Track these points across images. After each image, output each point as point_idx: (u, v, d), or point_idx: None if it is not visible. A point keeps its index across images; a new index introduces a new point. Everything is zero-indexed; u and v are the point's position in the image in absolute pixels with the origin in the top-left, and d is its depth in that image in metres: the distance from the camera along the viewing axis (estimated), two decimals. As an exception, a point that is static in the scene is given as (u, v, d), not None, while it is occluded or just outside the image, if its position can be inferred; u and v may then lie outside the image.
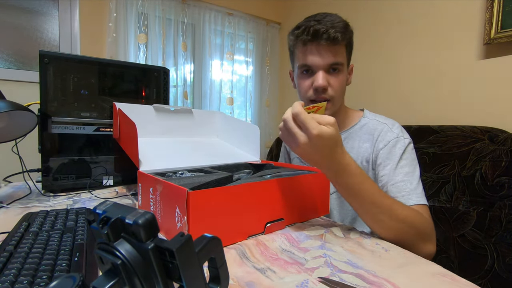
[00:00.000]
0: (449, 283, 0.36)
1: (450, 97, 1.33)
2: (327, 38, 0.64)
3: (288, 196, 0.54)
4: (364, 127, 0.73)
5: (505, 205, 0.83)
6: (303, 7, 2.27)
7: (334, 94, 0.68)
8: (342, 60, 0.67)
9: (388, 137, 0.68)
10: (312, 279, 0.36)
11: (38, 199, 0.71)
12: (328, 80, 0.67)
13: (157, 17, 1.92)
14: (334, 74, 0.67)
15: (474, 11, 1.23)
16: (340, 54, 0.67)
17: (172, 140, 0.81)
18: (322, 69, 0.67)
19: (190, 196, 0.41)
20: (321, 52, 0.66)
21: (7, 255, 0.36)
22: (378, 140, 0.69)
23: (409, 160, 0.65)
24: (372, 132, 0.71)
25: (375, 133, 0.70)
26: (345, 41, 0.67)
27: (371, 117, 0.75)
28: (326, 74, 0.67)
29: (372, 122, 0.73)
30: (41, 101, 0.75)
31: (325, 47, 0.65)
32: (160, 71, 0.93)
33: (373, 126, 0.72)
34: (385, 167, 0.65)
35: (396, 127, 0.71)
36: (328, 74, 0.67)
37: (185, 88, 2.05)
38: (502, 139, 0.90)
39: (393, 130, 0.69)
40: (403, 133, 0.69)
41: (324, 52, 0.66)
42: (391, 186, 0.62)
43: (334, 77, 0.67)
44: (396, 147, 0.66)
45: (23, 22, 1.63)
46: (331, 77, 0.67)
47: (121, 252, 0.20)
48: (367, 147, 0.70)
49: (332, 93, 0.68)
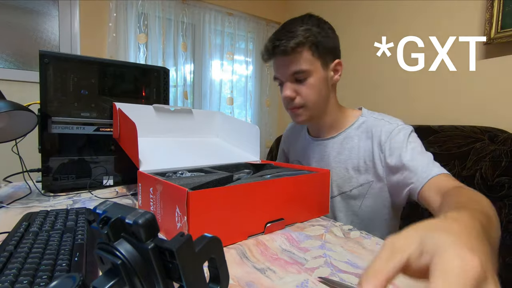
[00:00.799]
0: (449, 283, 0.36)
1: (450, 97, 1.33)
2: (279, 52, 0.66)
3: (288, 196, 0.54)
4: (363, 126, 0.72)
5: (505, 205, 0.83)
6: (303, 7, 2.27)
7: (305, 102, 0.69)
8: (305, 66, 0.66)
9: (388, 129, 0.67)
10: (312, 279, 0.36)
11: (38, 199, 0.71)
12: (296, 89, 0.68)
13: (157, 17, 1.92)
14: (302, 82, 0.68)
15: (474, 11, 1.23)
16: (300, 62, 0.66)
17: (172, 140, 0.81)
18: (287, 80, 0.69)
19: (190, 196, 0.41)
20: (279, 65, 0.69)
21: (7, 255, 0.36)
22: (379, 134, 0.68)
23: (417, 143, 0.65)
24: (370, 129, 0.70)
25: (374, 130, 0.69)
26: (305, 45, 0.65)
27: (369, 115, 0.74)
28: (293, 84, 0.68)
29: (370, 120, 0.72)
30: (41, 101, 0.75)
31: (282, 60, 0.68)
32: (160, 71, 0.93)
33: (371, 124, 0.71)
34: (394, 153, 0.64)
35: (394, 120, 0.70)
36: (296, 83, 0.68)
37: (185, 88, 2.05)
38: (502, 139, 0.90)
39: (391, 122, 0.69)
40: (402, 123, 0.69)
41: (282, 65, 0.68)
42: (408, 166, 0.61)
43: (302, 85, 0.68)
44: (400, 134, 0.65)
45: (23, 22, 1.63)
46: (299, 86, 0.68)
47: (121, 252, 0.20)
48: (368, 145, 0.69)
49: (301, 101, 0.69)
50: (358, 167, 0.70)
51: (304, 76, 0.67)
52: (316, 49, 0.66)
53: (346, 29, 1.86)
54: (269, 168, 0.72)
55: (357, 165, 0.70)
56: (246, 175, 0.67)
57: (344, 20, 1.87)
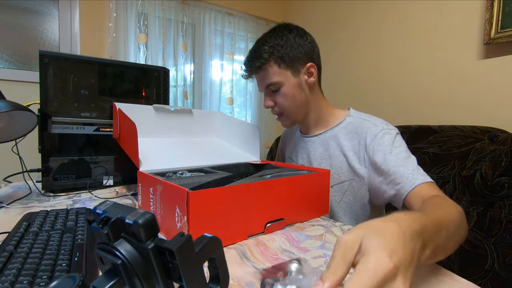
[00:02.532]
0: (449, 283, 0.36)
1: (450, 97, 1.33)
2: (250, 72, 0.76)
3: (288, 196, 0.54)
4: (349, 126, 0.74)
5: (505, 205, 0.83)
6: (303, 7, 2.27)
7: (282, 109, 0.76)
8: (275, 78, 0.72)
9: (373, 131, 0.68)
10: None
11: (38, 199, 0.71)
12: (273, 99, 0.76)
13: (157, 17, 1.92)
14: (276, 92, 0.74)
15: (474, 11, 1.23)
16: (269, 75, 0.72)
17: (172, 140, 0.81)
18: (265, 93, 0.77)
19: (190, 196, 0.41)
20: (256, 81, 0.78)
21: (7, 255, 0.36)
22: (364, 135, 0.69)
23: (402, 147, 0.66)
24: (356, 130, 0.72)
25: (359, 131, 0.71)
26: (270, 61, 0.71)
27: (356, 116, 0.76)
28: (270, 95, 0.76)
29: (356, 121, 0.74)
30: (41, 101, 0.75)
31: (256, 77, 0.77)
32: (160, 71, 0.93)
33: (357, 124, 0.73)
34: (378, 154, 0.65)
35: (379, 121, 0.71)
36: (272, 94, 0.75)
37: (185, 88, 2.05)
38: (502, 139, 0.90)
39: (377, 124, 0.70)
40: (387, 125, 0.70)
41: (257, 81, 0.78)
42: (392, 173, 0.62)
43: (277, 95, 0.74)
44: (384, 138, 0.66)
45: (23, 22, 1.63)
46: (275, 96, 0.75)
47: (121, 252, 0.20)
48: (353, 145, 0.71)
49: (279, 109, 0.76)
50: (341, 165, 0.73)
51: (276, 87, 0.73)
52: (282, 62, 0.72)
53: (345, 28, 1.86)
54: (269, 168, 0.73)
55: (340, 163, 0.73)
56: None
57: (344, 19, 1.87)
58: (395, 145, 0.65)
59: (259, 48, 0.73)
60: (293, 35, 0.73)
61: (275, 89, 0.74)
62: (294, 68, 0.72)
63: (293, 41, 0.72)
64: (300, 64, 0.73)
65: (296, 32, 0.73)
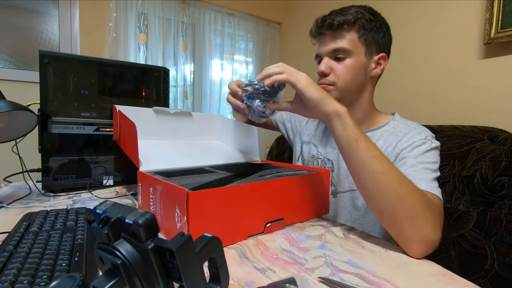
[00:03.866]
0: (449, 283, 0.36)
1: (450, 97, 1.33)
2: (328, 26, 0.66)
3: (288, 196, 0.54)
4: (392, 130, 0.70)
5: (505, 205, 0.83)
6: (303, 7, 2.27)
7: (336, 80, 0.68)
8: (348, 45, 0.66)
9: (414, 139, 0.64)
10: (312, 279, 0.36)
11: (38, 199, 0.71)
12: (332, 66, 0.68)
13: (157, 17, 1.92)
14: (340, 60, 0.67)
15: (474, 11, 1.23)
16: (344, 39, 0.66)
17: (172, 143, 0.81)
18: (326, 56, 0.69)
19: (190, 196, 0.41)
20: (323, 40, 0.69)
21: (7, 255, 0.36)
22: (403, 141, 0.65)
23: (432, 159, 0.60)
24: (398, 134, 0.68)
25: (401, 135, 0.67)
26: (354, 26, 0.65)
27: (401, 122, 0.72)
28: (330, 60, 0.68)
29: (400, 126, 0.70)
30: (41, 101, 0.75)
31: (327, 35, 0.68)
32: (160, 71, 0.93)
33: (401, 129, 0.69)
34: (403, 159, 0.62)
35: (426, 132, 0.67)
36: (333, 62, 0.68)
37: (185, 88, 2.05)
38: (502, 139, 0.90)
39: (421, 133, 0.65)
40: (432, 137, 0.65)
41: (325, 40, 0.69)
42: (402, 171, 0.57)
43: (338, 64, 0.67)
44: (421, 147, 0.62)
45: (23, 22, 1.63)
46: (336, 64, 0.68)
47: (121, 252, 0.20)
48: (391, 147, 0.67)
49: (333, 79, 0.68)
50: None
51: (344, 55, 0.67)
52: (363, 34, 0.66)
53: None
54: (269, 168, 0.72)
55: None
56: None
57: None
58: (425, 155, 0.61)
59: (349, 8, 0.67)
60: (383, 21, 0.70)
61: (341, 57, 0.67)
62: (369, 49, 0.68)
63: (381, 25, 0.69)
64: (375, 49, 0.68)
65: (386, 22, 0.71)
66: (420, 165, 0.59)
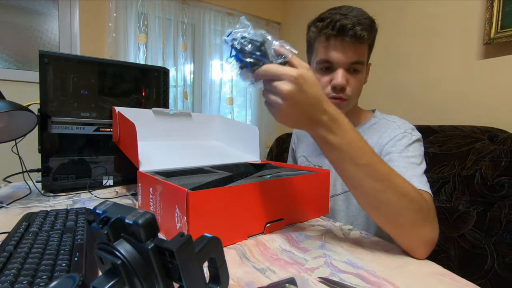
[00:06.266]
0: (449, 283, 0.36)
1: (450, 97, 1.33)
2: (353, 35, 0.61)
3: (288, 196, 0.54)
4: (373, 126, 0.72)
5: (505, 205, 0.83)
6: (303, 7, 2.27)
7: (351, 94, 0.66)
8: (364, 59, 0.65)
9: (394, 133, 0.65)
10: (312, 279, 0.36)
11: (38, 199, 0.71)
12: (348, 79, 0.65)
13: (157, 17, 1.92)
14: (354, 73, 0.66)
15: (474, 11, 1.23)
16: (362, 53, 0.65)
17: (172, 144, 0.81)
18: (343, 67, 0.64)
19: (190, 196, 0.41)
20: (345, 49, 0.63)
21: (7, 255, 0.36)
22: (384, 136, 0.67)
23: (416, 152, 0.62)
24: (379, 129, 0.70)
25: (382, 130, 0.68)
26: (370, 40, 0.64)
27: (382, 117, 0.73)
28: (346, 72, 0.65)
29: (381, 122, 0.72)
30: (41, 101, 0.75)
31: (350, 44, 0.62)
32: (160, 71, 0.93)
33: (382, 125, 0.70)
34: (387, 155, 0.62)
35: (406, 125, 0.68)
36: (348, 73, 0.65)
37: (185, 88, 2.06)
38: (502, 139, 0.90)
39: (400, 127, 0.67)
40: (412, 130, 0.66)
41: (347, 50, 0.63)
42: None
43: (353, 77, 0.66)
44: (402, 140, 0.63)
45: (23, 22, 1.63)
46: (351, 77, 0.65)
47: (121, 252, 0.20)
48: (373, 143, 0.68)
49: (349, 93, 0.66)
50: None
51: (359, 69, 0.65)
52: (371, 46, 0.66)
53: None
54: (269, 168, 0.72)
55: None
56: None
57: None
58: (409, 149, 0.62)
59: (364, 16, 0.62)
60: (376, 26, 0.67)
61: (357, 69, 0.65)
62: (368, 59, 0.68)
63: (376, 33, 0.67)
64: (368, 58, 0.68)
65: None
66: (405, 160, 0.60)
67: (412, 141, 0.63)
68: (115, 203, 0.23)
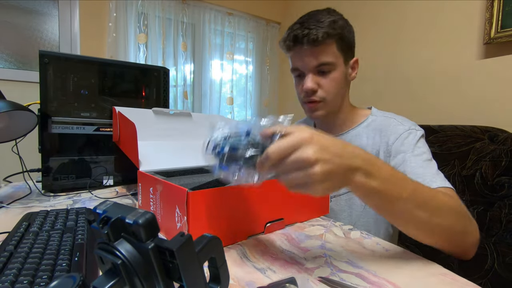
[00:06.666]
0: (449, 282, 0.36)
1: (450, 97, 1.33)
2: (309, 41, 0.63)
3: (288, 196, 0.54)
4: (372, 124, 0.72)
5: (505, 204, 0.83)
6: (303, 6, 2.27)
7: (325, 95, 0.67)
8: (331, 59, 0.65)
9: (399, 130, 0.65)
10: (312, 279, 0.36)
11: (38, 199, 0.71)
12: (318, 81, 0.67)
13: (157, 17, 1.92)
14: (325, 75, 0.67)
15: (474, 11, 1.23)
16: (326, 54, 0.65)
17: (172, 144, 0.81)
18: (310, 71, 0.67)
19: (190, 196, 0.41)
20: (304, 56, 0.66)
21: (7, 255, 0.36)
22: (388, 134, 0.66)
23: (425, 148, 0.62)
24: (379, 127, 0.69)
25: (383, 128, 0.68)
26: (333, 38, 0.64)
27: (379, 114, 0.73)
28: (316, 75, 0.67)
29: (380, 119, 0.71)
30: (41, 101, 0.75)
31: (307, 50, 0.65)
32: (160, 71, 0.93)
33: (381, 122, 0.70)
34: (398, 154, 0.62)
35: (406, 121, 0.68)
36: (318, 76, 0.67)
37: (185, 88, 2.06)
38: (502, 139, 0.90)
39: (403, 123, 0.67)
40: (414, 125, 0.67)
41: (308, 55, 0.65)
42: (409, 172, 0.57)
43: (324, 78, 0.67)
44: (409, 138, 0.63)
45: (23, 22, 1.63)
46: (322, 78, 0.67)
47: (121, 252, 0.20)
48: (376, 144, 0.68)
49: (322, 94, 0.67)
50: None
51: (329, 69, 0.66)
52: (341, 43, 0.66)
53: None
54: (269, 168, 0.72)
55: None
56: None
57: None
58: (418, 145, 0.62)
59: (323, 18, 0.64)
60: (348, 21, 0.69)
61: (326, 71, 0.66)
62: (346, 56, 0.68)
63: (350, 27, 0.68)
64: (349, 54, 0.69)
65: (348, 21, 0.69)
66: (418, 158, 0.60)
67: (419, 137, 0.64)
68: (115, 203, 0.23)
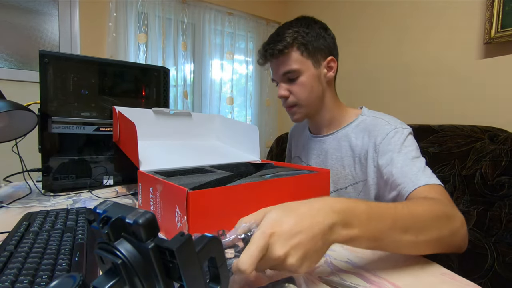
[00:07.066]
0: (449, 282, 0.36)
1: (450, 97, 1.33)
2: (271, 55, 0.71)
3: (288, 196, 0.54)
4: (361, 124, 0.73)
5: (505, 204, 0.83)
6: (303, 6, 2.27)
7: (297, 100, 0.72)
8: (296, 66, 0.69)
9: (385, 130, 0.66)
10: (313, 278, 0.36)
11: (38, 199, 0.71)
12: (289, 88, 0.72)
13: (157, 16, 1.91)
14: (293, 81, 0.71)
15: (474, 11, 1.23)
16: (289, 63, 0.70)
17: (172, 143, 0.81)
18: (281, 81, 0.73)
19: (190, 196, 0.41)
20: (273, 68, 0.74)
21: (8, 254, 0.36)
22: (376, 134, 0.67)
23: (412, 147, 0.63)
24: (368, 127, 0.70)
25: (371, 128, 0.69)
26: (293, 46, 0.69)
27: (369, 114, 0.74)
28: (286, 83, 0.73)
29: (369, 119, 0.72)
30: (41, 101, 0.75)
31: (273, 63, 0.73)
32: (160, 70, 0.93)
33: (370, 122, 0.71)
34: (386, 154, 0.63)
35: (393, 120, 0.70)
36: (288, 83, 0.72)
37: (185, 88, 2.05)
38: (502, 139, 0.90)
39: (390, 123, 0.68)
40: (401, 124, 0.68)
41: (274, 67, 0.74)
42: (395, 172, 0.59)
43: (294, 84, 0.71)
44: (395, 137, 0.65)
45: (23, 22, 1.63)
46: (291, 85, 0.72)
47: (121, 251, 0.20)
48: (364, 144, 0.69)
49: (294, 99, 0.73)
50: (354, 165, 0.71)
51: (295, 76, 0.70)
52: (305, 49, 0.69)
53: (346, 28, 1.86)
54: (269, 168, 0.72)
55: (353, 163, 0.71)
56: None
57: (342, 20, 1.87)
58: (405, 144, 0.63)
59: (283, 31, 0.70)
60: (318, 26, 0.72)
61: (293, 78, 0.71)
62: (316, 59, 0.71)
63: (318, 31, 0.71)
64: (321, 56, 0.71)
65: (320, 24, 0.73)
66: (405, 156, 0.61)
67: (405, 136, 0.65)
68: (115, 202, 0.23)
